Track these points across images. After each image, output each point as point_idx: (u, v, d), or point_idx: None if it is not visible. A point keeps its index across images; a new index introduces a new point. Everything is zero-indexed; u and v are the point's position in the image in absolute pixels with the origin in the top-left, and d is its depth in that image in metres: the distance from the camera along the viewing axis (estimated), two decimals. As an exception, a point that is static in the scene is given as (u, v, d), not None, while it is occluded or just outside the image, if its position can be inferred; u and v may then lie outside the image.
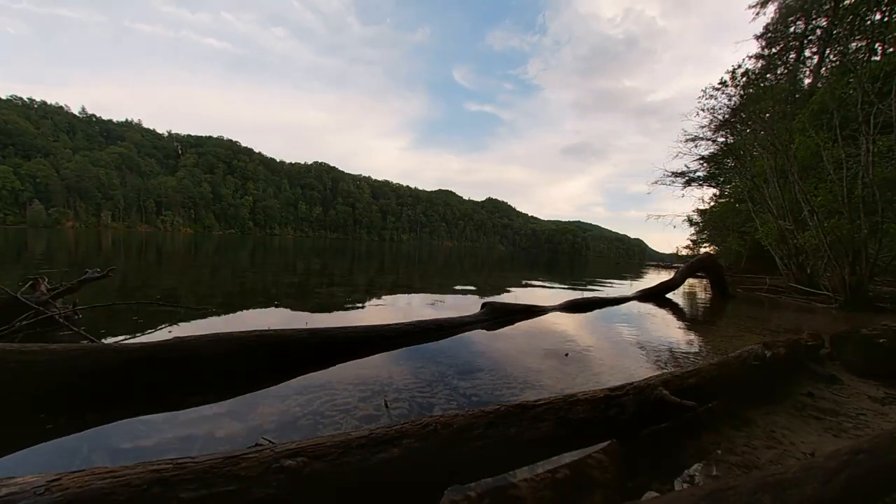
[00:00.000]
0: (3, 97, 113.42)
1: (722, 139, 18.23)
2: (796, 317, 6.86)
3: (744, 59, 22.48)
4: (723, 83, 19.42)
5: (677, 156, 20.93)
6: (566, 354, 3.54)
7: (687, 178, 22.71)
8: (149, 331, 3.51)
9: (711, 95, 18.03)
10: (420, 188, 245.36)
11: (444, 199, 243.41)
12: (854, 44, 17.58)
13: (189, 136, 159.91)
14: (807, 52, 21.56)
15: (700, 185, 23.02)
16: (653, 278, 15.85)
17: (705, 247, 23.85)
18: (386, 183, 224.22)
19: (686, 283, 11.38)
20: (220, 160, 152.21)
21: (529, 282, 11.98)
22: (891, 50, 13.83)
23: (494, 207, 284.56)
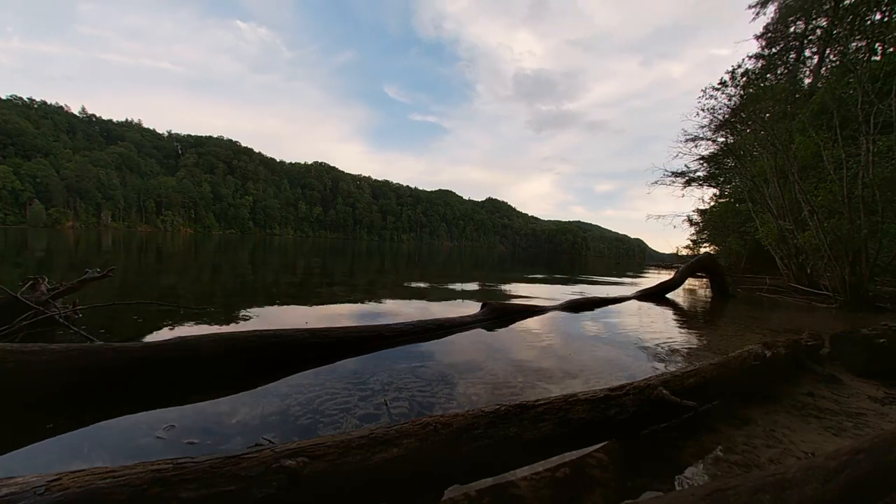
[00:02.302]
0: (3, 97, 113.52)
1: (722, 139, 18.22)
2: (796, 317, 6.85)
3: (744, 59, 22.36)
4: (723, 83, 19.43)
5: (677, 156, 21.04)
6: (567, 354, 3.54)
7: (687, 178, 22.70)
8: (149, 331, 3.51)
9: (711, 95, 18.03)
10: (420, 188, 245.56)
11: (445, 199, 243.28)
12: (854, 44, 17.56)
13: (189, 136, 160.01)
14: (807, 52, 21.55)
15: (700, 185, 23.01)
16: (653, 278, 15.86)
17: (705, 247, 23.80)
18: (386, 183, 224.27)
19: (686, 282, 11.38)
20: (220, 160, 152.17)
21: (529, 281, 11.98)
22: (891, 50, 13.82)
23: (494, 207, 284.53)
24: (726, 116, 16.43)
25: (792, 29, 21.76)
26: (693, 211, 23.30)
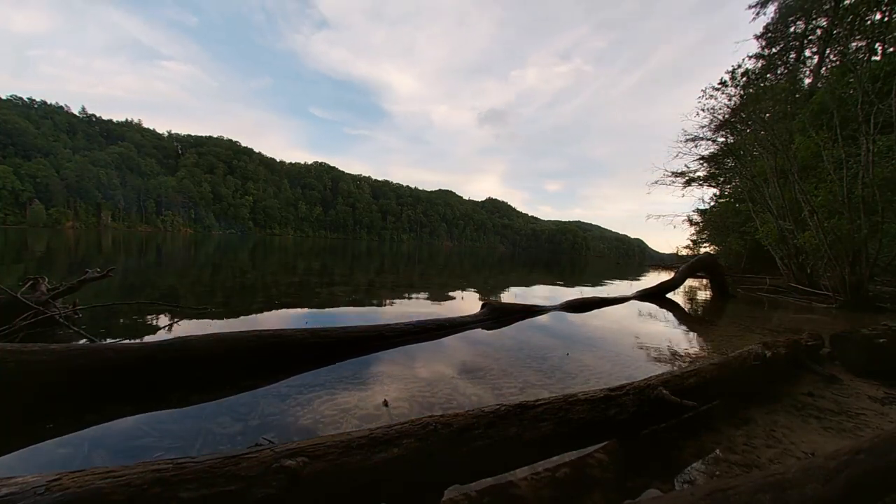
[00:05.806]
0: (4, 97, 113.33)
1: (722, 139, 18.21)
2: (796, 317, 6.85)
3: (744, 59, 22.35)
4: (723, 83, 19.39)
5: (677, 156, 20.92)
6: (567, 354, 3.54)
7: (687, 178, 22.66)
8: (149, 331, 3.51)
9: (711, 95, 18.00)
10: (420, 188, 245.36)
11: (445, 199, 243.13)
12: (854, 44, 17.56)
13: (189, 136, 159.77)
14: (807, 52, 21.54)
15: (700, 185, 22.97)
16: (653, 278, 15.85)
17: (705, 247, 23.78)
18: (386, 183, 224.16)
19: (686, 282, 11.37)
20: (220, 160, 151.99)
21: (529, 281, 11.98)
22: (891, 50, 13.82)
23: (494, 207, 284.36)
24: (726, 116, 16.42)
25: (792, 29, 21.76)
26: (693, 211, 23.31)
